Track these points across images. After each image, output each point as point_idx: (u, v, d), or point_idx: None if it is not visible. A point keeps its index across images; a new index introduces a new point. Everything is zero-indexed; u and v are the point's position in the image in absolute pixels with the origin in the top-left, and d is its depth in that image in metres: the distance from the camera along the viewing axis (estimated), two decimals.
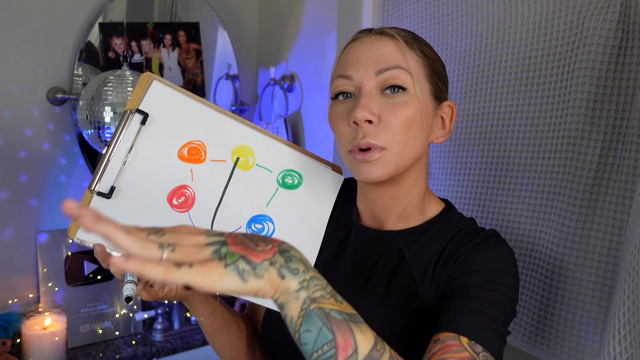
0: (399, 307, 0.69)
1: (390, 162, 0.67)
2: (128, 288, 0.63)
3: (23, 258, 1.23)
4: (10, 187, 1.21)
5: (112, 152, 0.68)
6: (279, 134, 1.43)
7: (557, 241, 0.86)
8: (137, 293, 0.67)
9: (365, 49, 0.69)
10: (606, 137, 0.81)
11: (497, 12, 0.96)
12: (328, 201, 0.80)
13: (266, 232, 0.76)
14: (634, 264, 0.65)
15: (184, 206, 0.71)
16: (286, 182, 0.78)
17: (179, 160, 0.71)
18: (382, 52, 0.68)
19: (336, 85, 0.70)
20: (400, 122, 0.66)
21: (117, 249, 0.67)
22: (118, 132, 0.69)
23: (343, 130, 0.69)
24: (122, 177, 0.68)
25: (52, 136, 1.26)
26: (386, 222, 0.75)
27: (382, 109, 0.66)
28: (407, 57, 0.68)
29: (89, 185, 0.67)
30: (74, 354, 1.22)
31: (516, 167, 0.94)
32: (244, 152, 0.75)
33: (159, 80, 0.71)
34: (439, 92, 0.71)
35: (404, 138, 0.67)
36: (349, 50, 0.71)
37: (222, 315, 0.80)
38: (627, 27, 0.79)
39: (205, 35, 1.47)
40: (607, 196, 0.81)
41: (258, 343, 0.88)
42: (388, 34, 0.70)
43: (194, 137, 0.73)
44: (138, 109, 0.69)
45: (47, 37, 1.23)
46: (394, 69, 0.67)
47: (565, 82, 0.85)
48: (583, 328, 0.83)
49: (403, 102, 0.67)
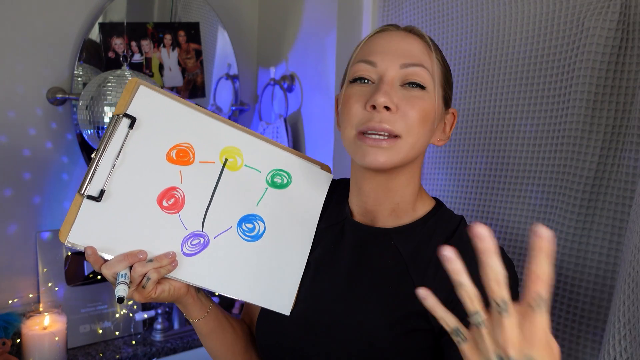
0: (397, 308, 0.68)
1: (401, 151, 0.68)
2: (120, 289, 0.63)
3: (23, 258, 1.23)
4: (13, 185, 1.21)
5: (101, 156, 0.69)
6: (279, 134, 1.43)
7: (557, 241, 0.86)
8: (130, 295, 0.67)
9: (394, 41, 0.71)
10: (606, 137, 0.81)
11: (497, 12, 0.96)
12: (318, 199, 0.81)
13: (257, 231, 0.76)
14: (634, 264, 0.65)
15: (174, 207, 0.72)
16: (275, 181, 0.79)
17: (168, 163, 0.72)
18: (410, 47, 0.70)
19: (357, 69, 0.71)
20: (418, 114, 0.68)
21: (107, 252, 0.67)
22: (107, 137, 0.69)
23: (356, 111, 0.70)
24: (111, 180, 0.69)
25: (55, 135, 1.26)
26: (378, 217, 0.76)
27: (400, 100, 0.68)
28: (431, 59, 0.70)
29: (79, 189, 0.67)
30: (74, 354, 1.22)
31: (516, 167, 0.94)
32: (232, 153, 0.76)
33: (145, 85, 0.72)
34: (447, 97, 0.74)
35: (418, 130, 0.69)
36: (375, 39, 0.72)
37: (215, 317, 0.80)
38: (627, 27, 0.79)
39: (205, 35, 1.47)
40: (607, 196, 0.81)
41: (254, 347, 0.87)
42: (417, 33, 0.72)
43: (182, 140, 0.73)
44: (126, 113, 0.70)
45: (48, 37, 1.23)
46: (418, 67, 0.69)
47: (565, 82, 0.85)
48: (583, 328, 0.83)
49: (420, 97, 0.69)
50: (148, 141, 0.71)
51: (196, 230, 0.72)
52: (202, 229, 0.73)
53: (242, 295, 0.74)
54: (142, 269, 0.66)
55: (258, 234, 0.76)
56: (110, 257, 0.67)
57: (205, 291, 0.79)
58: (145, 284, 0.67)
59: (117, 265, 0.66)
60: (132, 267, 0.66)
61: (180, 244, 0.71)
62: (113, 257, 0.67)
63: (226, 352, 0.83)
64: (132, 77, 0.73)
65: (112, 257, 0.67)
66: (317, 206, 0.80)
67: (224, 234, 0.74)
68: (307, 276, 0.77)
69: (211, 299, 0.80)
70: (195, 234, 0.72)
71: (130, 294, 0.67)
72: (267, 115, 1.56)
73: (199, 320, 0.78)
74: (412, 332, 0.67)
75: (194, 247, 0.72)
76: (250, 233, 0.76)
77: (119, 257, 0.66)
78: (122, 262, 0.66)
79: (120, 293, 0.62)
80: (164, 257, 0.68)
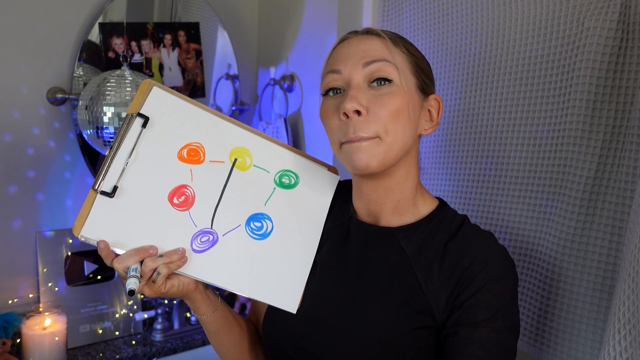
0: (403, 306, 0.69)
1: (382, 150, 0.70)
2: (131, 282, 0.64)
3: (23, 258, 1.23)
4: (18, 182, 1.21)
5: (115, 153, 0.71)
6: (279, 134, 1.43)
7: (557, 241, 0.86)
8: (140, 289, 0.68)
9: (353, 46, 0.73)
10: (606, 137, 0.81)
11: (497, 12, 0.96)
12: (325, 200, 0.83)
13: (265, 230, 0.78)
14: (634, 264, 0.65)
15: (184, 205, 0.73)
16: (283, 181, 0.80)
17: (179, 161, 0.74)
18: (368, 47, 0.72)
19: (327, 82, 0.74)
20: (388, 112, 0.69)
21: (119, 247, 0.68)
22: (120, 134, 0.72)
23: (334, 125, 0.72)
24: (124, 177, 0.71)
25: (58, 134, 1.27)
26: (381, 216, 0.77)
27: (370, 101, 0.69)
28: (392, 52, 0.72)
29: (92, 185, 0.70)
30: (74, 354, 1.22)
31: (516, 167, 0.94)
32: (241, 153, 0.78)
33: (158, 87, 0.74)
34: (424, 86, 0.75)
35: (394, 127, 0.69)
36: (338, 48, 0.75)
37: (223, 314, 0.81)
38: (627, 27, 0.79)
39: (205, 35, 1.47)
40: (607, 196, 0.81)
41: (260, 345, 0.88)
42: (374, 33, 0.74)
43: (193, 139, 0.75)
44: (139, 113, 0.72)
45: (48, 38, 1.23)
46: (380, 62, 0.71)
47: (565, 82, 0.85)
48: (583, 328, 0.83)
49: (389, 93, 0.70)
50: (160, 140, 0.73)
51: (205, 228, 0.74)
52: (211, 226, 0.74)
53: (250, 292, 0.75)
54: (153, 264, 0.67)
55: (266, 232, 0.78)
56: (121, 252, 0.69)
57: (213, 288, 0.80)
58: (156, 278, 0.68)
59: (129, 259, 0.67)
60: (142, 261, 0.68)
61: (190, 240, 0.73)
62: (124, 252, 0.68)
63: (233, 350, 0.84)
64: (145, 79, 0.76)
65: (123, 251, 0.68)
66: (324, 206, 0.82)
67: (232, 232, 0.75)
68: (314, 275, 0.78)
69: (219, 296, 0.81)
70: (205, 231, 0.74)
71: (141, 288, 0.68)
72: (267, 115, 1.56)
73: (206, 316, 0.79)
74: (417, 329, 0.68)
75: (203, 243, 0.74)
76: (258, 231, 0.77)
77: (130, 251, 0.68)
78: (134, 256, 0.67)
79: (131, 286, 0.64)
80: (174, 252, 0.70)
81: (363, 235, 0.77)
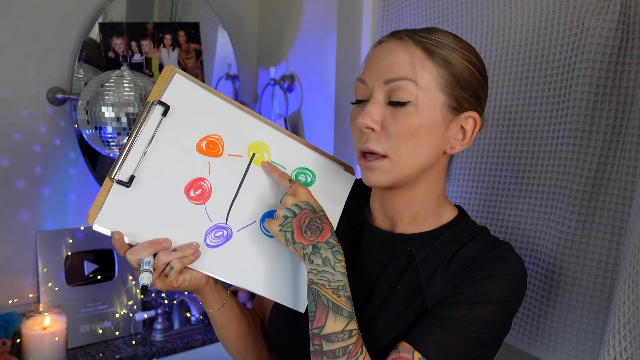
0: (402, 306, 0.70)
1: (391, 171, 0.69)
2: (144, 277, 0.64)
3: (23, 258, 1.23)
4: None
5: (133, 141, 0.69)
6: None
7: (557, 241, 0.86)
8: (152, 282, 0.67)
9: (381, 55, 0.70)
10: (606, 137, 0.81)
11: (497, 12, 0.96)
12: (340, 200, 0.81)
13: None
14: (634, 264, 0.65)
15: (201, 198, 0.72)
16: (299, 179, 0.79)
17: (198, 153, 0.72)
18: (393, 60, 0.68)
19: (355, 89, 0.73)
20: (402, 132, 0.67)
21: (133, 238, 0.68)
22: (140, 122, 0.69)
23: (354, 133, 0.72)
24: (142, 167, 0.69)
25: (63, 132, 1.27)
26: (399, 223, 0.76)
27: (386, 119, 0.68)
28: (418, 67, 0.67)
29: (109, 173, 0.68)
30: (74, 354, 1.22)
31: (516, 167, 0.94)
32: (260, 148, 0.77)
33: (181, 74, 0.72)
34: (457, 103, 0.69)
35: (405, 149, 0.68)
36: (370, 54, 0.73)
37: (232, 308, 0.81)
38: (627, 27, 0.79)
39: (205, 35, 1.47)
40: (607, 196, 0.81)
41: (264, 338, 0.88)
42: (410, 39, 0.69)
43: (212, 131, 0.74)
44: (160, 101, 0.70)
45: (48, 38, 1.23)
46: (400, 80, 0.67)
47: (565, 82, 0.85)
48: (583, 328, 0.83)
49: (406, 114, 0.67)
50: (180, 130, 0.72)
51: (220, 222, 0.73)
52: (226, 221, 0.73)
53: (260, 289, 0.74)
54: (166, 258, 0.67)
55: None
56: (135, 243, 0.67)
57: (222, 282, 0.80)
58: (168, 272, 0.67)
59: (142, 252, 0.66)
60: (156, 254, 0.67)
61: (204, 234, 0.72)
62: (138, 244, 0.67)
63: (239, 343, 0.84)
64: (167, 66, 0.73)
65: (137, 242, 0.67)
66: (338, 207, 0.81)
67: (247, 228, 0.74)
68: None
69: (228, 290, 0.81)
70: (219, 226, 0.73)
71: (153, 281, 0.68)
72: (267, 115, 1.56)
73: (215, 310, 0.79)
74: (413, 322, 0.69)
75: (217, 239, 0.72)
76: None
77: (144, 244, 0.67)
78: (147, 249, 0.67)
79: (144, 281, 0.63)
80: (188, 247, 0.69)
81: (375, 240, 0.77)
